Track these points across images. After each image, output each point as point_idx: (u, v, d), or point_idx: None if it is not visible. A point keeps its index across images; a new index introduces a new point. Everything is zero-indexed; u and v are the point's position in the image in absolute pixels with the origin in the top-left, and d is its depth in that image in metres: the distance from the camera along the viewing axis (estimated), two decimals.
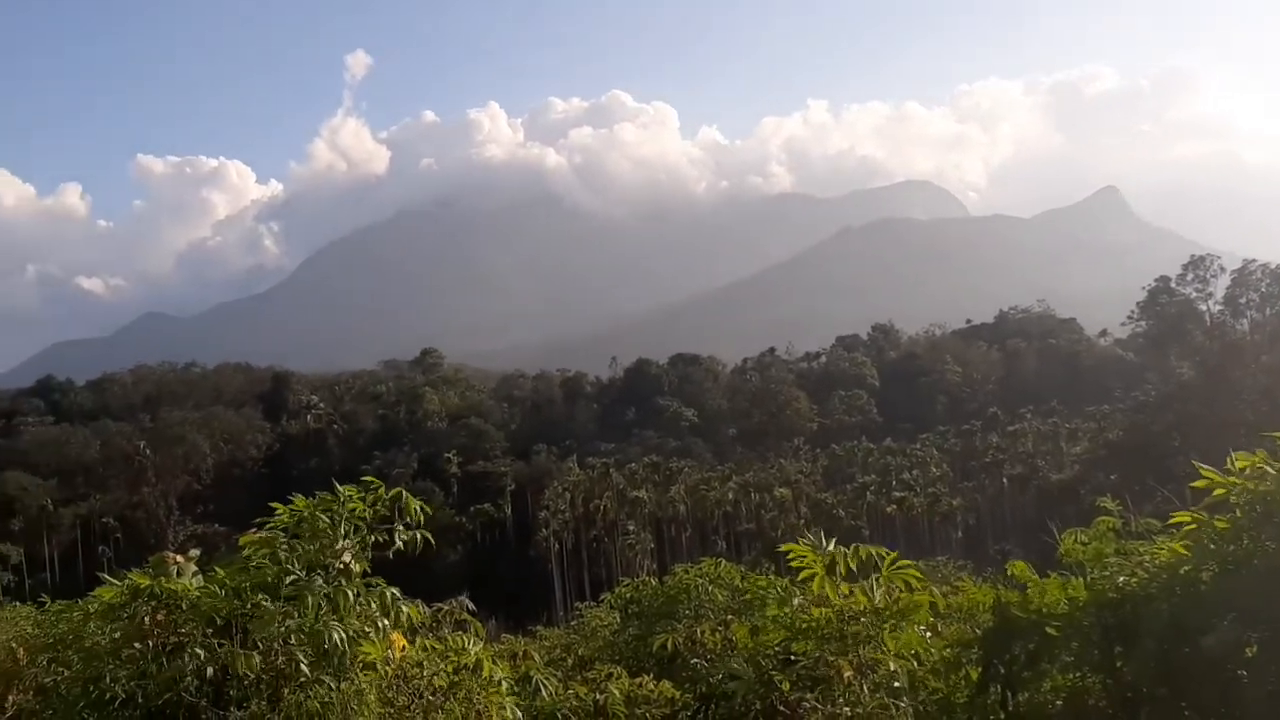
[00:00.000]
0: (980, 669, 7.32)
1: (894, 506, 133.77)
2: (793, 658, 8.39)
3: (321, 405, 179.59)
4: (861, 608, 8.03)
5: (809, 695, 8.09)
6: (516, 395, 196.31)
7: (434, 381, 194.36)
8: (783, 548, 8.27)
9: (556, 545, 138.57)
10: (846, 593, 8.17)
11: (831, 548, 7.94)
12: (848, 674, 7.95)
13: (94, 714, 6.83)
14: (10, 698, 12.05)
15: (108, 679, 6.77)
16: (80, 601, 12.72)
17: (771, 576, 14.43)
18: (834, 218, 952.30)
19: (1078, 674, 7.12)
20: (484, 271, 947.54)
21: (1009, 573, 7.78)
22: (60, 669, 11.20)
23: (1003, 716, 7.16)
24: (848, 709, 7.87)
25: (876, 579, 8.12)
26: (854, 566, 7.98)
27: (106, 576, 7.42)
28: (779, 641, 8.63)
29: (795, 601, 8.95)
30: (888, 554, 8.06)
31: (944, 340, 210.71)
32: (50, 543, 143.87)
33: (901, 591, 8.34)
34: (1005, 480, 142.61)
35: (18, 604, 17.44)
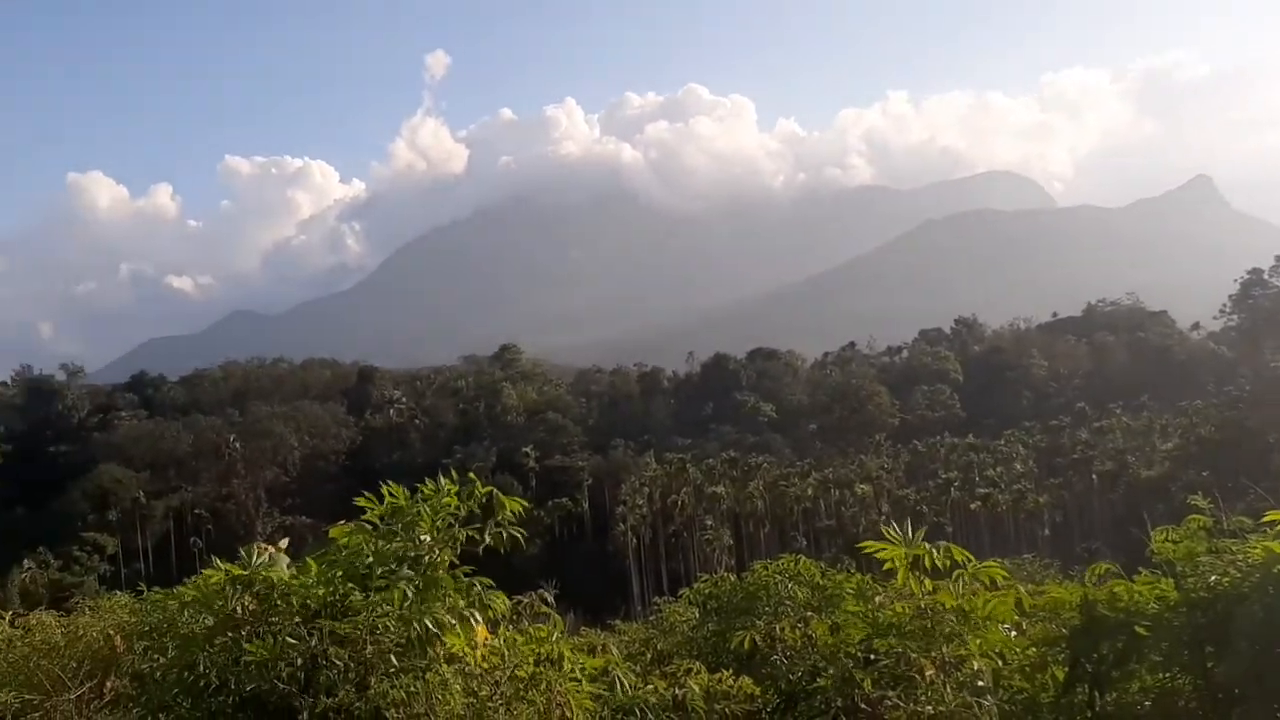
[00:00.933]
0: (1067, 669, 7.19)
1: (978, 503, 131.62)
2: (874, 655, 8.34)
3: (403, 400, 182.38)
4: (945, 605, 7.94)
5: (891, 693, 8.04)
6: (594, 390, 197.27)
7: (512, 376, 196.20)
8: (864, 544, 8.21)
9: (634, 540, 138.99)
10: (930, 589, 8.09)
11: (916, 542, 7.86)
12: (930, 672, 7.88)
13: (188, 700, 7.04)
14: (108, 684, 12.47)
15: (202, 666, 6.96)
16: (176, 590, 13.15)
17: (853, 573, 14.33)
18: (915, 210, 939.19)
19: (1167, 675, 6.97)
20: (561, 268, 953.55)
21: (1094, 572, 7.64)
22: (156, 656, 11.58)
23: (1089, 717, 7.03)
24: (930, 707, 7.79)
25: (960, 576, 8.03)
26: (939, 564, 7.89)
27: (215, 561, 7.65)
28: (860, 639, 8.58)
29: (877, 599, 8.89)
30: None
31: (1029, 334, 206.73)
32: (144, 534, 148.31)
33: (986, 589, 8.22)
34: (1094, 477, 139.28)
35: (115, 593, 18.00)
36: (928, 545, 7.89)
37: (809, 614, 12.28)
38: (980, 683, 7.81)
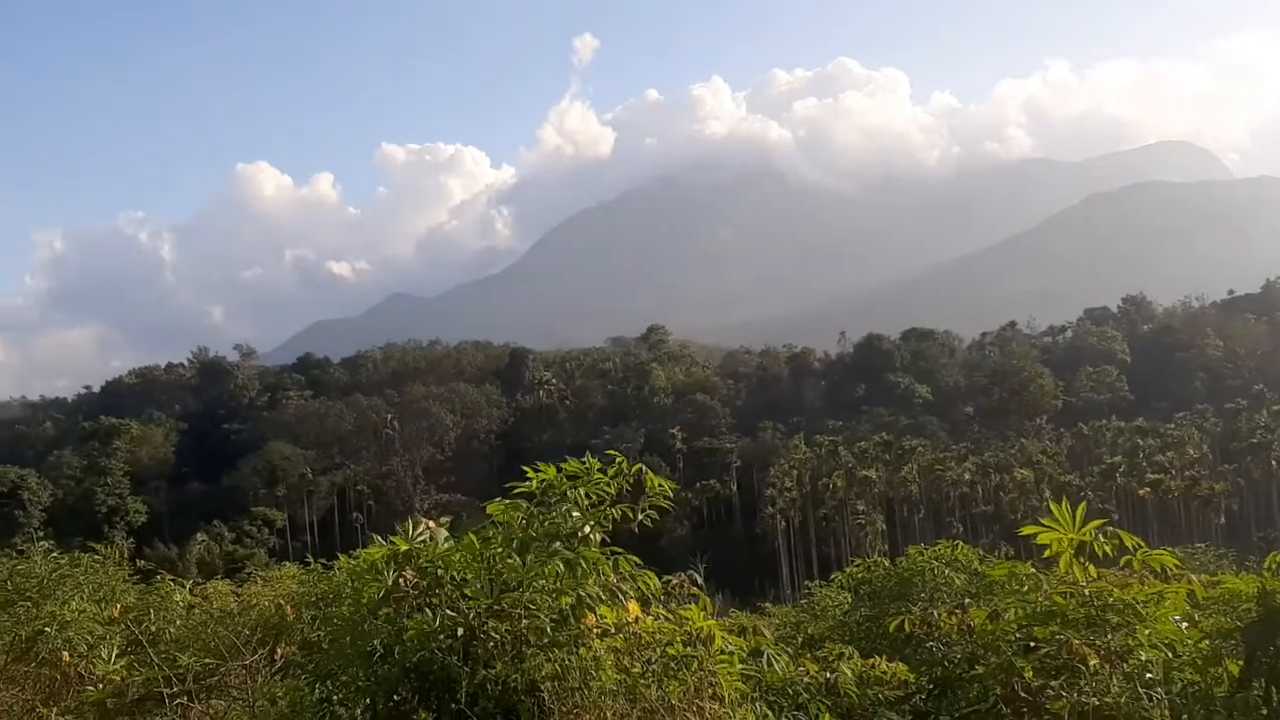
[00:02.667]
0: (1242, 663, 6.82)
1: (1147, 490, 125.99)
2: (1034, 643, 8.07)
3: (553, 381, 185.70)
4: (1112, 593, 7.62)
5: (1053, 683, 7.77)
6: (742, 371, 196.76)
7: (660, 358, 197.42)
8: (1025, 528, 7.93)
9: (783, 523, 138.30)
10: (1095, 577, 7.79)
11: (1080, 528, 7.56)
12: (1094, 662, 7.59)
13: (355, 668, 7.33)
14: (279, 650, 13.14)
15: (368, 635, 7.23)
16: (340, 563, 13.73)
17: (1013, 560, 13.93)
18: (1080, 183, 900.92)
19: None
20: (709, 248, 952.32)
21: (1273, 561, 7.22)
22: (323, 625, 12.12)
23: (1266, 713, 6.64)
24: (1095, 699, 7.50)
25: (1129, 564, 7.71)
26: (1106, 551, 7.57)
27: (374, 536, 7.94)
28: (1021, 626, 8.32)
29: (1040, 586, 8.60)
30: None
31: (1203, 312, 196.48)
32: (310, 508, 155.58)
33: (1155, 578, 7.87)
34: (1273, 463, 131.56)
35: (284, 564, 18.95)
36: (1095, 532, 7.58)
37: (967, 601, 11.98)
38: (1149, 675, 7.48)
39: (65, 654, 12.10)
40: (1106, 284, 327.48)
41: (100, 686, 12.57)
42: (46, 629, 12.27)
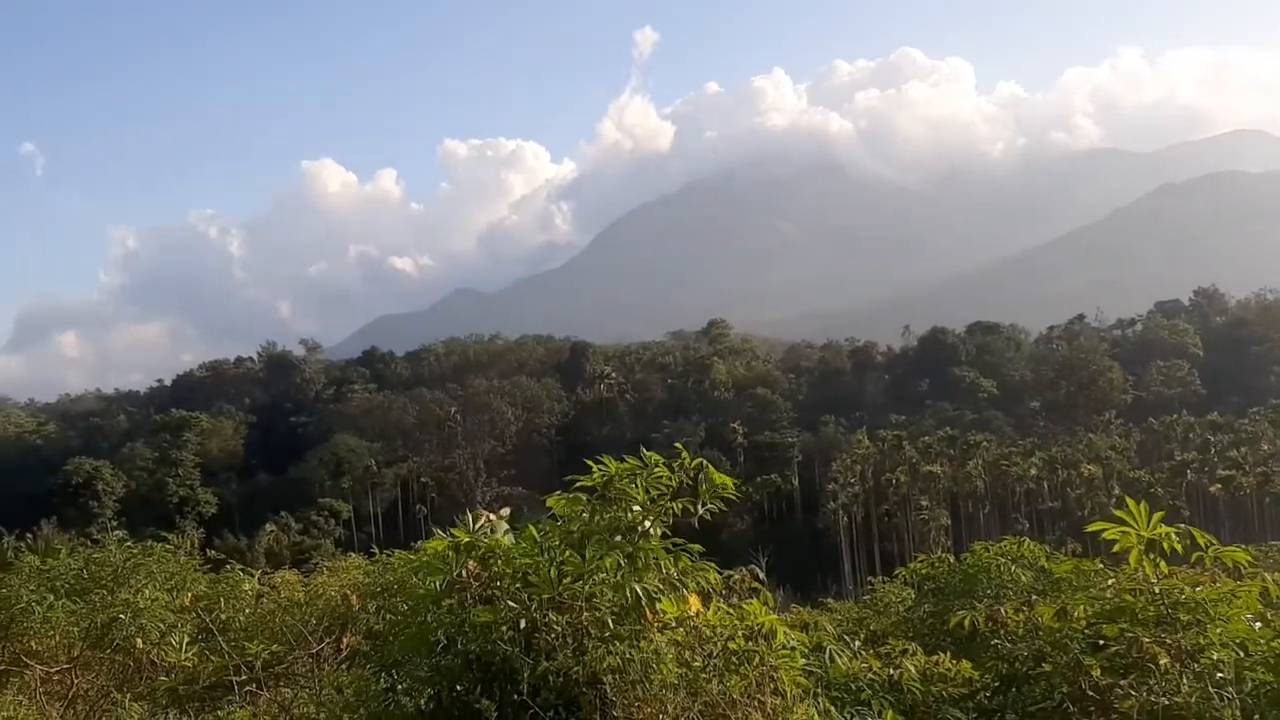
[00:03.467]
0: None
1: (1218, 486, 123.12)
2: (1103, 641, 7.94)
3: (614, 375, 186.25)
4: (1183, 591, 7.47)
5: (1122, 682, 7.63)
6: (804, 365, 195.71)
7: (721, 351, 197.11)
8: (1094, 525, 7.79)
9: (845, 518, 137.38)
10: (1165, 574, 7.64)
11: (1151, 525, 7.41)
12: (1164, 661, 7.44)
13: (418, 656, 7.42)
14: (345, 640, 13.36)
15: (432, 625, 7.32)
16: (404, 553, 13.92)
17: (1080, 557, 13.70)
18: (1151, 173, 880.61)
19: None
20: (770, 242, 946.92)
21: None
22: (388, 615, 12.30)
23: None
24: (1164, 698, 7.35)
25: (1200, 561, 7.55)
26: (1176, 548, 7.42)
27: (436, 529, 8.03)
28: (1089, 624, 8.18)
29: (1108, 583, 8.45)
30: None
31: (1278, 305, 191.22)
32: (374, 499, 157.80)
33: (1227, 576, 7.70)
34: None
35: (349, 555, 19.25)
36: (1166, 529, 7.43)
37: (1034, 598, 11.80)
38: (1220, 674, 7.31)
39: (139, 641, 12.41)
40: (1178, 276, 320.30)
41: (173, 674, 12.88)
42: (121, 616, 12.58)
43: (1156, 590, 7.62)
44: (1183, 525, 7.59)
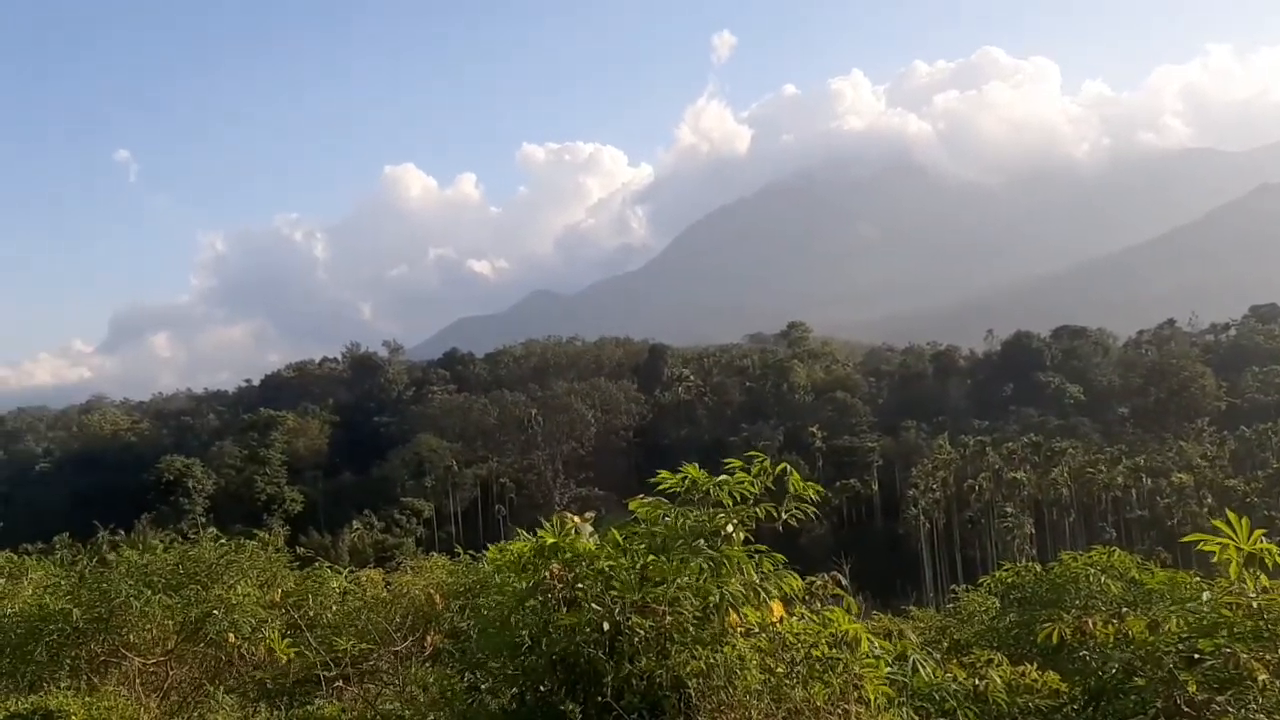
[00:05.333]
0: None
1: None
2: (1198, 655, 7.72)
3: (691, 377, 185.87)
4: None
5: (1218, 698, 7.41)
6: (884, 369, 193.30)
7: (800, 354, 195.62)
8: (1190, 536, 7.58)
9: (926, 524, 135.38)
10: (1265, 588, 7.40)
11: (1252, 538, 7.18)
12: (1263, 677, 7.21)
13: (502, 656, 7.50)
14: (429, 638, 13.54)
15: (516, 626, 7.38)
16: (487, 554, 14.05)
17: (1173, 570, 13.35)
18: (1246, 173, 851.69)
19: None
20: (849, 245, 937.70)
21: None
22: (471, 614, 12.45)
23: None
24: (1263, 715, 7.12)
25: None
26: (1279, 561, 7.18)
27: (517, 530, 8.11)
28: (1183, 637, 7.96)
29: (1204, 595, 8.22)
30: None
31: None
32: (454, 499, 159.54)
33: None
34: None
35: (432, 554, 19.52)
36: (1267, 543, 7.19)
37: (1124, 609, 11.52)
38: None
39: (231, 635, 12.73)
40: (1275, 280, 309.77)
41: (263, 668, 13.20)
42: (215, 611, 12.93)
43: (1255, 605, 7.39)
44: None
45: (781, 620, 7.43)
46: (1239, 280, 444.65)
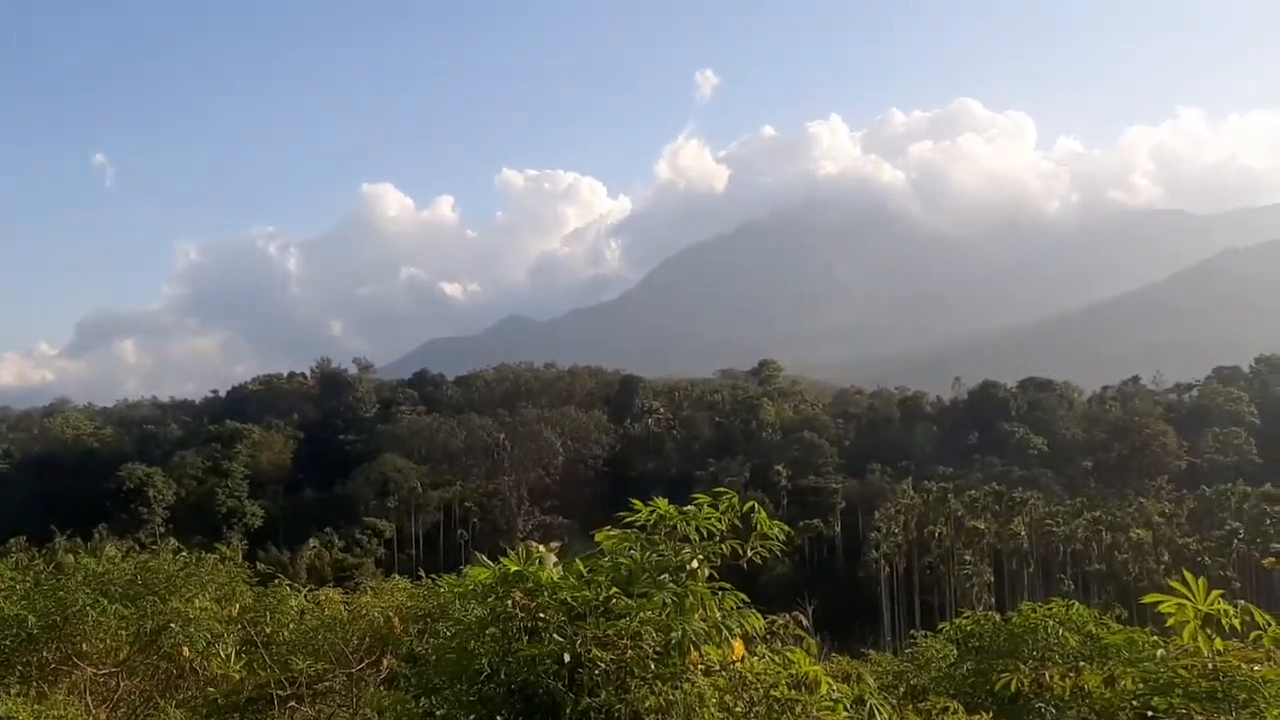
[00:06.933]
0: None
1: (1272, 560, 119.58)
2: (1152, 713, 7.79)
3: (662, 410, 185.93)
4: (1239, 668, 7.32)
5: None
6: (852, 411, 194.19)
7: (770, 392, 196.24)
8: (1150, 597, 7.67)
9: (886, 568, 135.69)
10: (1220, 650, 7.49)
11: (1208, 599, 7.28)
12: None
13: (460, 684, 7.45)
14: (385, 661, 13.43)
15: (475, 653, 7.34)
16: (448, 579, 13.95)
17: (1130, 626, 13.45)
18: (1213, 236, 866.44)
19: None
20: (821, 287, 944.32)
21: None
22: (429, 639, 12.36)
23: None
24: None
25: (1258, 639, 7.39)
26: (1235, 624, 7.28)
27: (477, 555, 8.08)
28: (1138, 694, 8.04)
29: (1159, 653, 8.31)
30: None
31: None
32: (416, 522, 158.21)
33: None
34: None
35: (393, 576, 19.36)
36: (1224, 604, 7.29)
37: (1081, 664, 11.60)
38: None
39: (185, 649, 12.58)
40: (1239, 342, 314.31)
41: (216, 684, 13.02)
42: (171, 624, 12.77)
43: (1210, 665, 7.47)
44: (1242, 602, 7.45)
45: (742, 659, 7.44)
46: (1203, 341, 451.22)
